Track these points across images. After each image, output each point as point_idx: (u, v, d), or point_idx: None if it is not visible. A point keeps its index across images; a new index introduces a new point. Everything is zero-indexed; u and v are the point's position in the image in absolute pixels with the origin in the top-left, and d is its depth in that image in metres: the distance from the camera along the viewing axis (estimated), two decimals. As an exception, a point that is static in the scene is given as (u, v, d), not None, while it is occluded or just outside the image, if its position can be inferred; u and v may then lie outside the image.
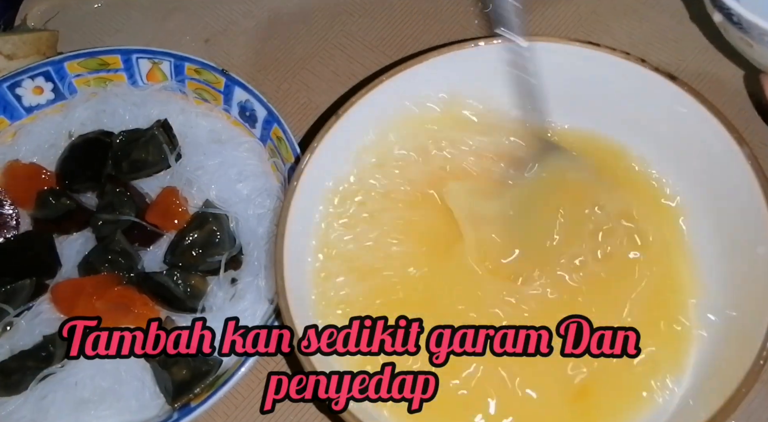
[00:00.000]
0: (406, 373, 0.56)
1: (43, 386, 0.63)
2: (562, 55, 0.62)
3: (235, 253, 0.67)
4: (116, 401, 0.62)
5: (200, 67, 0.73)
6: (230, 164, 0.71)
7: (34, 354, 0.63)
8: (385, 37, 0.81)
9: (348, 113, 0.62)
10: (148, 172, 0.71)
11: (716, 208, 0.60)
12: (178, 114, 0.74)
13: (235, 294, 0.66)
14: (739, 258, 0.58)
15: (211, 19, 0.85)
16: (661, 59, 0.75)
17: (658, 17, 0.78)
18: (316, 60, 0.81)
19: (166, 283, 0.65)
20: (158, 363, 0.62)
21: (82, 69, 0.75)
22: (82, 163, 0.72)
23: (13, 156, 0.73)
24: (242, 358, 0.61)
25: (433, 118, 0.66)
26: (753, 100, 0.72)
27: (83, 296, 0.64)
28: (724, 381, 0.52)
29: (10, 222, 0.71)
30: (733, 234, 0.59)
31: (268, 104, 0.70)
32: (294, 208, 0.59)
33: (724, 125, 0.58)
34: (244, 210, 0.69)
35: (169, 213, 0.69)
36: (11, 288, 0.66)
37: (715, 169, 0.59)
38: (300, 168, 0.60)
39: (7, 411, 0.63)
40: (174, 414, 0.60)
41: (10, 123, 0.75)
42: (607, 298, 0.59)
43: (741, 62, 0.74)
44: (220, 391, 0.60)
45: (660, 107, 0.61)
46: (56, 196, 0.69)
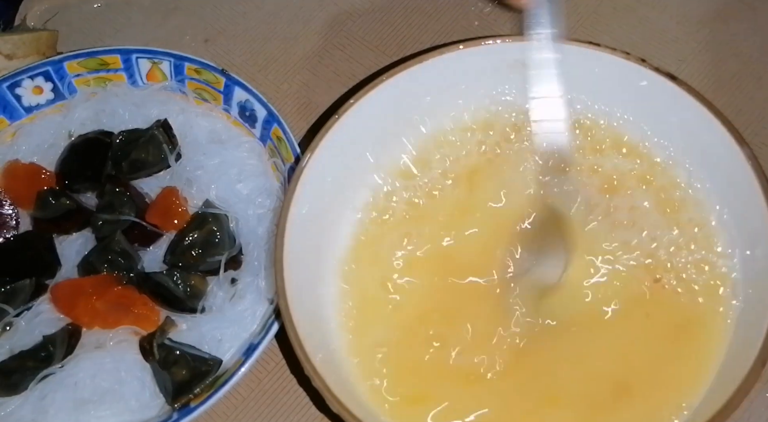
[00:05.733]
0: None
1: (43, 386, 0.63)
2: (562, 55, 0.62)
3: (235, 253, 0.67)
4: (116, 401, 0.62)
5: (200, 67, 0.73)
6: (230, 164, 0.71)
7: (34, 354, 0.63)
8: (385, 37, 0.81)
9: (348, 113, 0.62)
10: (148, 172, 0.71)
11: (716, 207, 0.60)
12: (178, 114, 0.74)
13: (235, 294, 0.66)
14: (739, 258, 0.58)
15: (211, 19, 0.85)
16: (661, 59, 0.75)
17: (658, 17, 0.78)
18: (316, 60, 0.80)
19: (166, 283, 0.65)
20: (158, 363, 0.62)
21: (82, 69, 0.75)
22: (82, 163, 0.72)
23: (13, 156, 0.73)
24: (242, 358, 0.61)
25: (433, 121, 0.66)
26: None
27: (83, 296, 0.64)
28: (724, 381, 0.52)
29: (10, 222, 0.71)
30: (733, 234, 0.59)
31: (268, 104, 0.70)
32: (294, 208, 0.59)
33: (724, 125, 0.58)
34: (244, 210, 0.69)
35: (169, 214, 0.69)
36: (11, 288, 0.66)
37: (715, 169, 0.59)
38: (300, 168, 0.60)
39: (7, 411, 0.63)
40: (174, 414, 0.60)
41: (10, 123, 0.75)
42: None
43: (741, 62, 0.74)
44: (220, 391, 0.60)
45: (660, 107, 0.61)
46: (56, 196, 0.69)
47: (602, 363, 0.57)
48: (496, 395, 0.57)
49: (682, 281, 0.59)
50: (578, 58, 0.62)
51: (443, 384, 0.58)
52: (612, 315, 0.58)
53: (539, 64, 0.62)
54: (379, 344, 0.59)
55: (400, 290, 0.61)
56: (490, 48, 0.63)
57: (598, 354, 0.58)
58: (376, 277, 0.62)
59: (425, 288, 0.61)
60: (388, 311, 0.61)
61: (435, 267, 0.62)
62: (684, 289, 0.58)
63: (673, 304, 0.58)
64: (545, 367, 0.57)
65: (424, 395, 0.57)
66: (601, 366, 0.57)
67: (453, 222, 0.63)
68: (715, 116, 0.58)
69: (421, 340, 0.59)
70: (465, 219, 0.63)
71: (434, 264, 0.62)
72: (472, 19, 0.80)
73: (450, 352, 0.59)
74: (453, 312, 0.60)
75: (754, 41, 0.75)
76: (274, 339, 0.64)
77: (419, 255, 0.62)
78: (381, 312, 0.61)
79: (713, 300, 0.58)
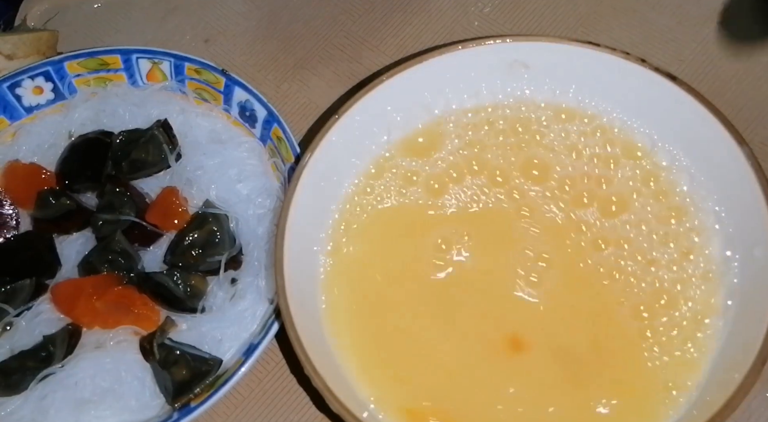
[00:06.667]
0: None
1: (43, 386, 0.63)
2: (562, 55, 0.63)
3: (235, 253, 0.67)
4: (116, 401, 0.62)
5: (200, 67, 0.73)
6: (230, 164, 0.71)
7: (34, 354, 0.63)
8: (385, 37, 0.81)
9: (348, 113, 0.62)
10: (148, 172, 0.71)
11: (716, 207, 0.60)
12: (178, 114, 0.74)
13: (235, 294, 0.66)
14: (738, 258, 0.58)
15: (211, 19, 0.85)
16: (661, 59, 0.75)
17: (658, 17, 0.78)
18: (316, 60, 0.80)
19: (166, 283, 0.65)
20: (158, 362, 0.62)
21: (82, 69, 0.75)
22: (82, 163, 0.72)
23: (13, 156, 0.73)
24: (242, 358, 0.61)
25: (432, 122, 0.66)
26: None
27: (83, 296, 0.64)
28: (724, 381, 0.52)
29: (10, 222, 0.71)
30: (732, 234, 0.59)
31: (268, 104, 0.70)
32: (294, 208, 0.59)
33: (724, 125, 0.58)
34: (244, 210, 0.69)
35: (169, 214, 0.69)
36: (11, 288, 0.66)
37: (715, 168, 0.59)
38: (300, 168, 0.60)
39: (7, 411, 0.63)
40: (174, 414, 0.60)
41: (10, 123, 0.75)
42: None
43: (741, 62, 0.74)
44: (220, 391, 0.60)
45: (660, 107, 0.61)
46: (56, 196, 0.69)
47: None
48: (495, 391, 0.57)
49: (681, 280, 0.59)
50: (578, 58, 0.62)
51: (444, 383, 0.58)
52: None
53: (539, 64, 0.62)
54: (379, 344, 0.59)
55: (400, 289, 0.61)
56: (490, 48, 0.63)
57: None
58: (376, 277, 0.62)
59: (426, 288, 0.61)
60: (388, 310, 0.61)
61: (435, 270, 0.62)
62: (682, 286, 0.59)
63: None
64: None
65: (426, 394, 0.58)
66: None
67: (453, 223, 0.63)
68: (715, 116, 0.58)
69: (421, 340, 0.59)
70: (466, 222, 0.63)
71: (434, 266, 0.62)
72: (472, 19, 0.80)
73: (450, 352, 0.59)
74: (452, 314, 0.60)
75: (754, 41, 0.75)
76: (274, 339, 0.64)
77: (419, 255, 0.62)
78: (381, 312, 0.61)
79: (713, 300, 0.58)
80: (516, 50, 0.63)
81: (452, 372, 0.58)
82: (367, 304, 0.61)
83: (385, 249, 0.63)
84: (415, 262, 0.62)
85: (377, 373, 0.58)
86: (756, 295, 0.55)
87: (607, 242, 0.61)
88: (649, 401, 0.56)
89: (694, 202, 0.61)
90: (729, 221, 0.59)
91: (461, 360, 0.58)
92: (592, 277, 0.60)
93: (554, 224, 0.62)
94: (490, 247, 0.62)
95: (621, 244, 0.60)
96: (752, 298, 0.56)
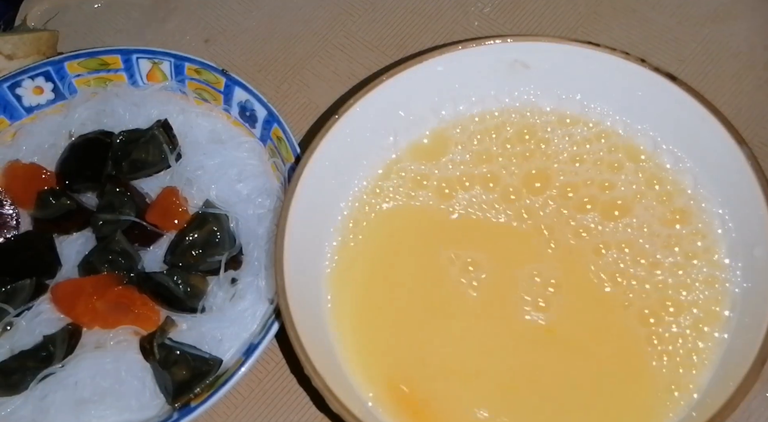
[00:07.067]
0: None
1: (43, 386, 0.63)
2: (562, 55, 0.63)
3: (235, 253, 0.67)
4: (116, 401, 0.62)
5: (200, 67, 0.73)
6: (230, 164, 0.71)
7: (34, 354, 0.63)
8: (385, 37, 0.81)
9: (348, 113, 0.62)
10: (148, 172, 0.71)
11: (715, 207, 0.60)
12: (178, 114, 0.74)
13: (235, 294, 0.66)
14: (739, 258, 0.58)
15: (211, 19, 0.85)
16: (661, 59, 0.75)
17: (658, 17, 0.78)
18: (316, 60, 0.81)
19: (166, 283, 0.65)
20: (158, 362, 0.62)
21: (82, 69, 0.75)
22: (82, 163, 0.72)
23: (13, 156, 0.73)
24: (242, 358, 0.61)
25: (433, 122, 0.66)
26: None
27: (83, 296, 0.64)
28: (725, 381, 0.52)
29: (10, 222, 0.71)
30: (732, 234, 0.59)
31: (268, 104, 0.70)
32: (294, 208, 0.59)
33: (724, 125, 0.58)
34: (244, 210, 0.69)
35: (169, 214, 0.69)
36: (11, 288, 0.66)
37: (715, 169, 0.59)
38: (300, 168, 0.60)
39: (8, 411, 0.63)
40: (174, 414, 0.60)
41: (10, 123, 0.75)
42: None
43: (741, 62, 0.74)
44: (220, 391, 0.60)
45: (660, 107, 0.61)
46: (56, 196, 0.69)
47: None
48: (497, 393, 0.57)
49: (680, 278, 0.59)
50: (578, 58, 0.62)
51: (444, 383, 0.58)
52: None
53: (539, 64, 0.62)
54: (379, 344, 0.59)
55: (400, 289, 0.61)
56: (490, 48, 0.63)
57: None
58: (376, 276, 0.62)
59: (426, 288, 0.61)
60: (388, 311, 0.61)
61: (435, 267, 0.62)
62: (684, 288, 0.58)
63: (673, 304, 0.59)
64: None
65: (425, 394, 0.58)
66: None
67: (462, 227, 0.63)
68: (715, 116, 0.58)
69: (422, 339, 0.59)
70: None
71: (434, 263, 0.62)
72: (472, 19, 0.80)
73: (451, 352, 0.59)
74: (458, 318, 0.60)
75: (754, 41, 0.75)
76: (274, 339, 0.64)
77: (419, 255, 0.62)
78: (382, 311, 0.61)
79: (712, 299, 0.58)
80: (516, 50, 0.63)
81: (456, 374, 0.58)
82: (373, 303, 0.61)
83: (392, 250, 0.63)
84: (422, 266, 0.62)
85: (378, 373, 0.58)
86: (757, 296, 0.55)
87: (608, 246, 0.61)
88: (650, 402, 0.56)
89: (692, 201, 0.61)
90: (729, 221, 0.59)
91: (466, 363, 0.58)
92: (597, 281, 0.60)
93: (561, 227, 0.62)
94: (499, 252, 0.62)
95: (622, 248, 0.60)
96: (752, 298, 0.56)
